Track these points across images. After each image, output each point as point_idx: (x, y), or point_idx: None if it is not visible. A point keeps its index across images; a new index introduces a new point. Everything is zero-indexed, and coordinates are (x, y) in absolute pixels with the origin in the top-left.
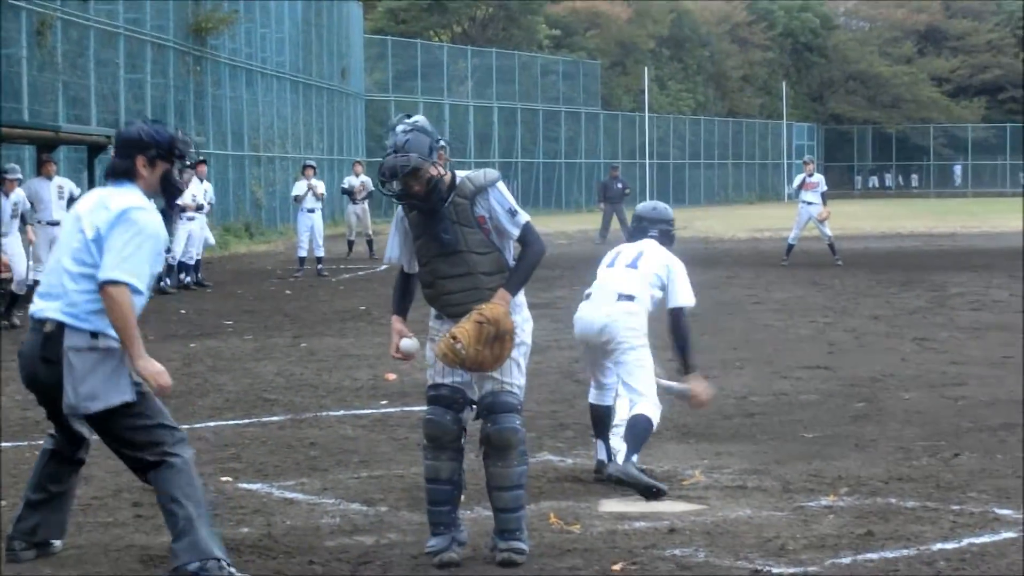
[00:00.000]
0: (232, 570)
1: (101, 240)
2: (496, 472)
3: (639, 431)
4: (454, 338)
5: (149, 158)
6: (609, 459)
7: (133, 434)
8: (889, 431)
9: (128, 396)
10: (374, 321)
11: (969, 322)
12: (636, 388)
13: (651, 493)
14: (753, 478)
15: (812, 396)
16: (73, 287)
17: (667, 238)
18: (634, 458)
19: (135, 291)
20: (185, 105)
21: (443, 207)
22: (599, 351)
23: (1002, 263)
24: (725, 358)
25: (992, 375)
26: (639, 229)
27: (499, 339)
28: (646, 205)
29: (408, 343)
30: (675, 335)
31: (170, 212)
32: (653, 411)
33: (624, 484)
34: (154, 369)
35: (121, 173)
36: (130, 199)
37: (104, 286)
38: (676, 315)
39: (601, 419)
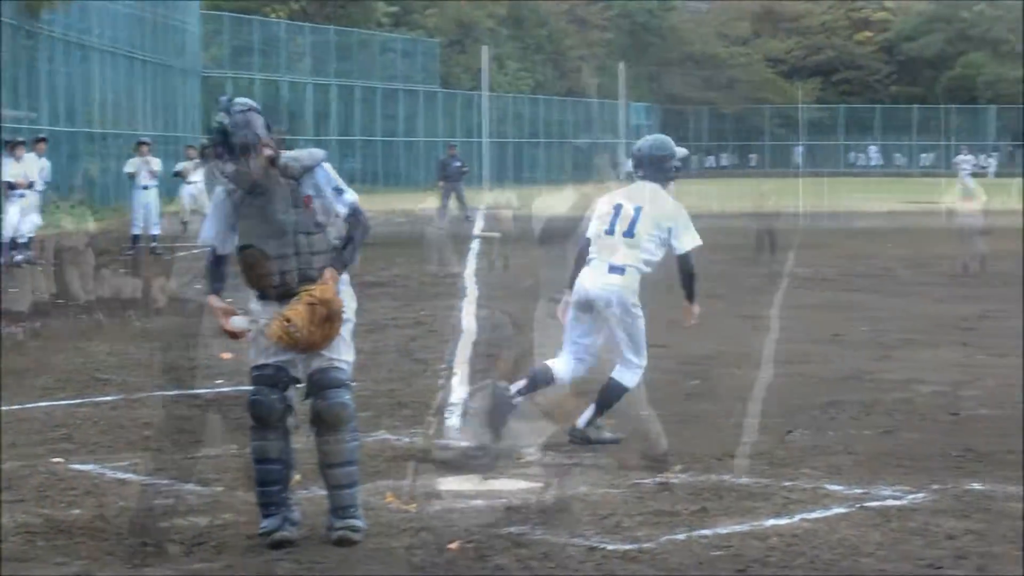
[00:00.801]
0: None
1: None
2: (328, 449)
3: (611, 395)
4: (288, 320)
5: None
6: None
7: None
8: (722, 408)
9: None
10: None
11: (801, 300)
12: (629, 355)
13: (614, 442)
14: (589, 456)
15: (648, 374)
16: None
17: (666, 176)
18: (598, 421)
19: None
20: (18, 81)
21: (271, 189)
22: (591, 316)
23: (831, 241)
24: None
25: (822, 352)
26: (636, 173)
27: (329, 319)
28: (645, 140)
29: (239, 320)
30: (683, 275)
31: None
32: (632, 379)
33: (590, 443)
34: None
35: None
36: None
37: None
38: (684, 260)
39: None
